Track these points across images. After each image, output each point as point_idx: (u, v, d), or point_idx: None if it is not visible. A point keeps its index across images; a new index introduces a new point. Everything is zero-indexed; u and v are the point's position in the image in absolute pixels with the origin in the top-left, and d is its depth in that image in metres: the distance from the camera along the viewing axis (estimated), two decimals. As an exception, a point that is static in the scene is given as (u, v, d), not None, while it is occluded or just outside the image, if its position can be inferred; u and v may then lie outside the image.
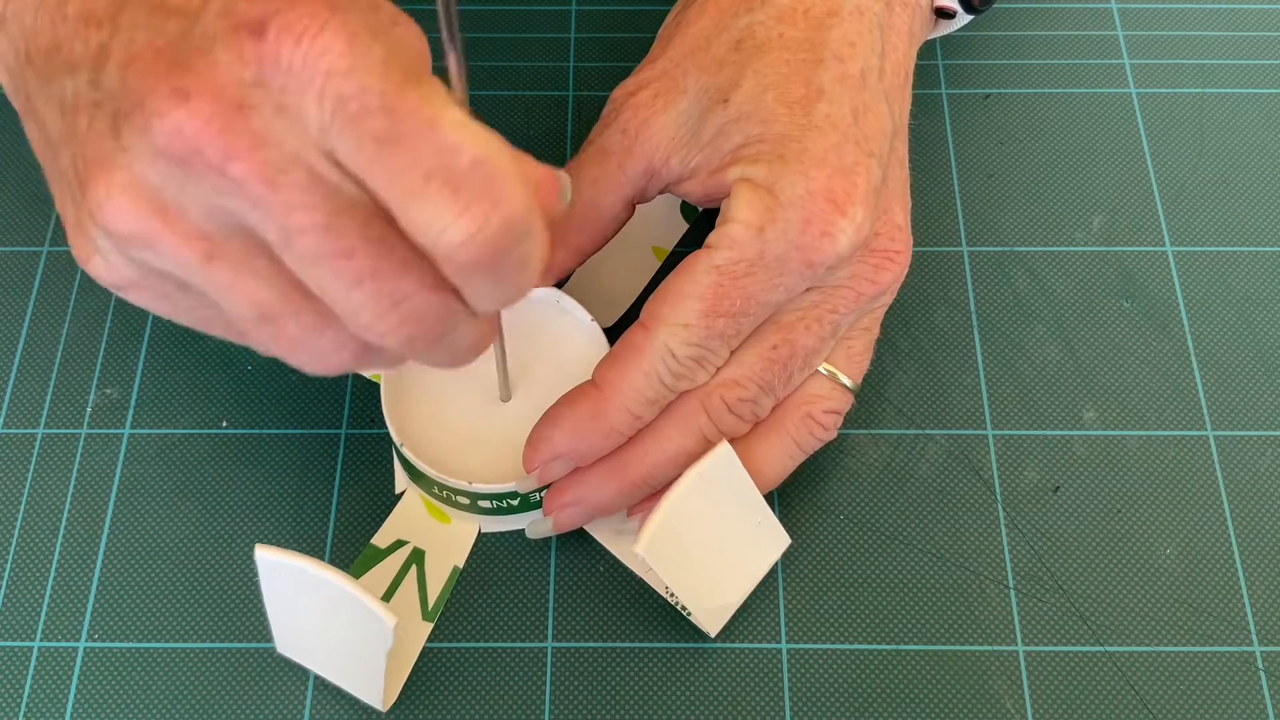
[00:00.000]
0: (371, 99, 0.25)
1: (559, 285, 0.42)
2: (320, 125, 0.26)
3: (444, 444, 0.39)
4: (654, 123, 0.37)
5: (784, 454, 0.38)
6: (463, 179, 0.26)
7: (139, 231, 0.27)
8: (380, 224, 0.27)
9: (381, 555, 0.39)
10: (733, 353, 0.36)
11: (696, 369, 0.36)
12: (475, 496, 0.38)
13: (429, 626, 0.38)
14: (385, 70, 0.26)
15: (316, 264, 0.27)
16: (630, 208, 0.39)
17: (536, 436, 0.37)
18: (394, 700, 0.37)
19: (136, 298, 0.30)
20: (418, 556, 0.39)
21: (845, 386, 0.38)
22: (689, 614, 0.37)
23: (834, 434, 0.39)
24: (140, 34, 0.27)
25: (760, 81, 0.36)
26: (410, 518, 0.40)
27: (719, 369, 0.36)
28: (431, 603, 0.38)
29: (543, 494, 0.38)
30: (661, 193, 0.38)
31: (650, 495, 0.38)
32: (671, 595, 0.38)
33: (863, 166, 0.35)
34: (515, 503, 0.38)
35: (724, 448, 0.36)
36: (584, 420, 0.36)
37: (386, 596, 0.38)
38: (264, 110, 0.26)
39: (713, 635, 0.38)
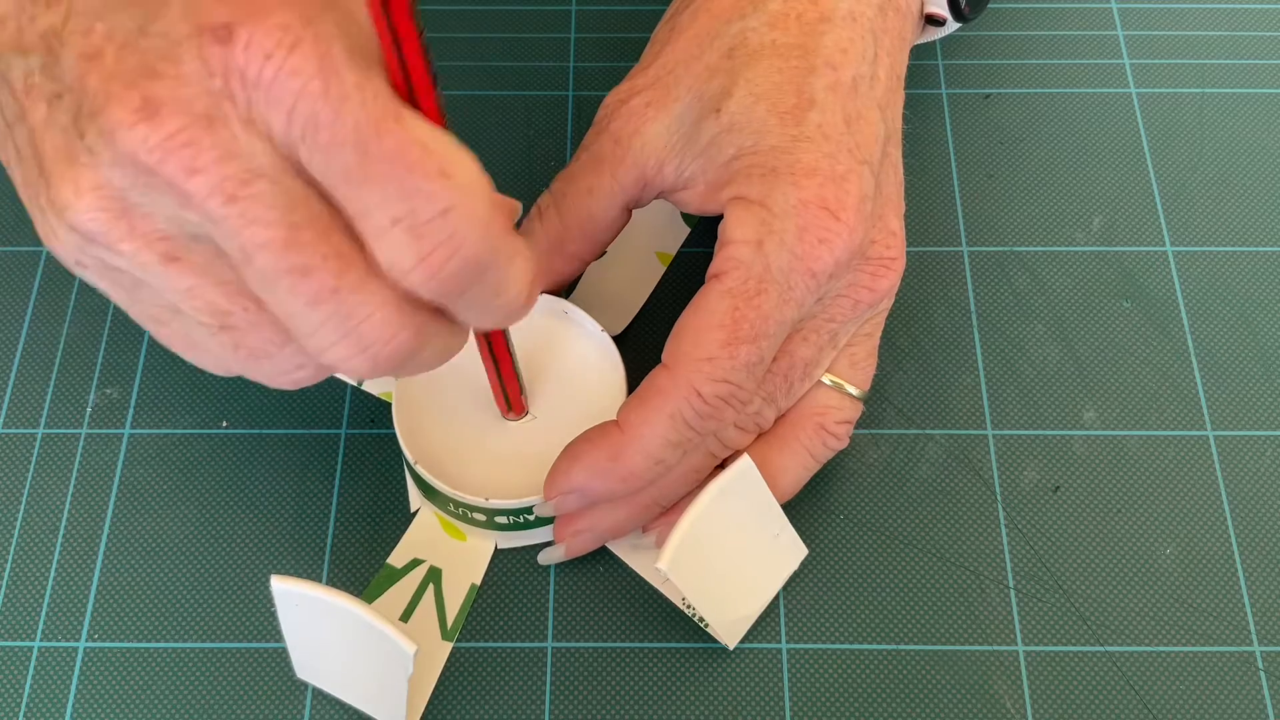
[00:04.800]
0: (344, 131, 0.25)
1: (565, 295, 0.42)
2: (288, 140, 0.25)
3: (458, 460, 0.38)
4: (645, 131, 0.37)
5: (799, 465, 0.38)
6: (426, 227, 0.26)
7: (102, 233, 0.27)
8: (341, 238, 0.26)
9: (398, 575, 0.38)
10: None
11: (724, 408, 0.35)
12: (491, 512, 0.38)
13: (449, 646, 0.38)
14: (361, 99, 0.25)
15: (275, 280, 0.26)
16: (627, 213, 0.39)
17: (557, 468, 0.36)
18: None
19: (97, 283, 0.30)
20: (435, 575, 0.39)
21: (853, 396, 0.38)
22: (706, 625, 0.37)
23: (846, 443, 0.39)
24: (99, 24, 0.26)
25: (752, 91, 0.35)
26: (426, 536, 0.39)
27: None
28: (450, 622, 0.38)
29: None
30: (657, 198, 0.38)
31: (663, 512, 0.38)
32: (689, 607, 0.38)
33: (855, 174, 0.35)
34: (532, 517, 0.38)
35: (745, 462, 0.36)
36: (602, 461, 0.35)
37: (404, 616, 0.38)
38: (231, 124, 0.25)
39: (731, 647, 0.38)
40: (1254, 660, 0.38)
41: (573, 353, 0.40)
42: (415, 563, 0.39)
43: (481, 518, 0.38)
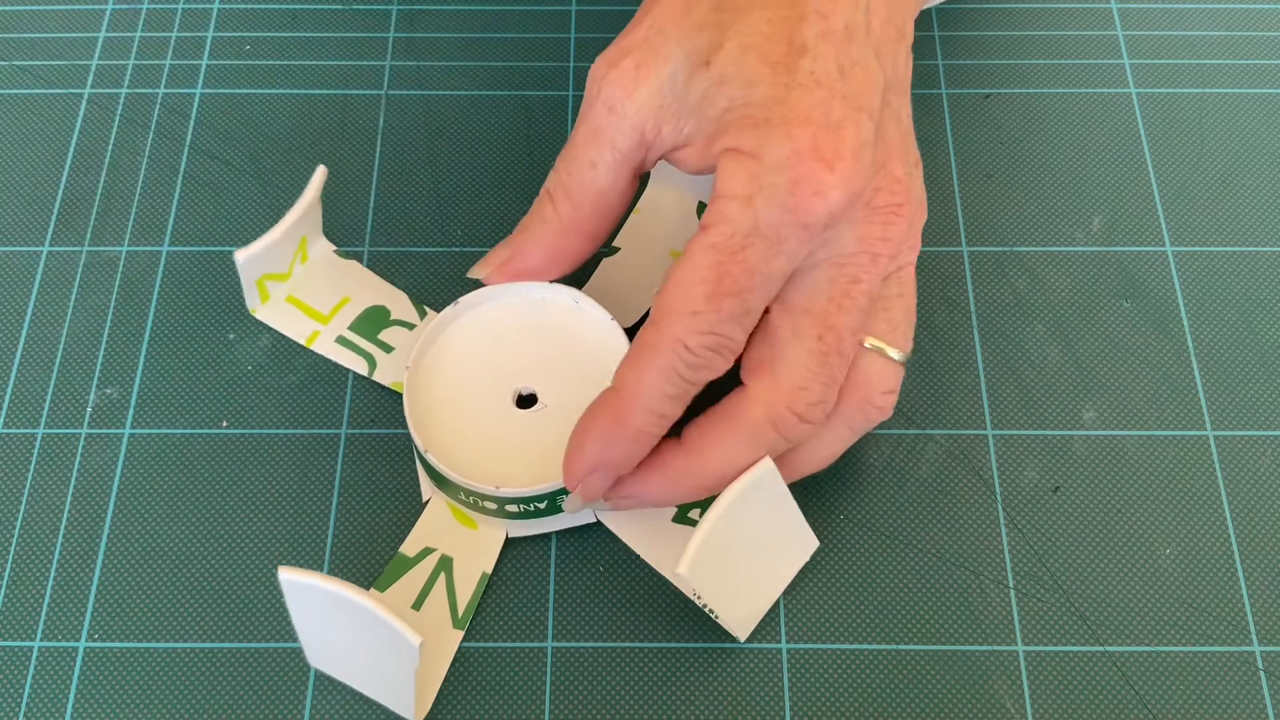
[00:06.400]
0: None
1: (579, 287, 0.42)
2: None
3: (468, 449, 0.38)
4: (638, 94, 0.36)
5: (836, 439, 0.38)
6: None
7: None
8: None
9: (410, 563, 0.38)
10: (784, 361, 0.36)
11: (714, 358, 0.35)
12: (502, 501, 0.38)
13: (460, 635, 0.38)
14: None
15: None
16: (635, 180, 0.38)
17: (569, 452, 0.36)
18: (427, 710, 0.37)
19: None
20: (446, 564, 0.38)
21: (895, 360, 0.37)
22: (717, 617, 0.37)
23: (890, 414, 0.38)
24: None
25: (742, 42, 0.35)
26: (437, 524, 0.39)
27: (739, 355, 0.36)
28: (461, 610, 0.38)
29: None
30: (661, 159, 0.38)
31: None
32: (700, 600, 0.38)
33: (850, 121, 0.34)
34: (543, 506, 0.38)
35: (766, 464, 0.36)
36: (609, 426, 0.35)
37: (416, 605, 0.38)
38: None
39: (742, 639, 0.38)
40: (1254, 660, 0.38)
41: (584, 342, 0.40)
42: (427, 551, 0.39)
43: (492, 506, 0.38)
